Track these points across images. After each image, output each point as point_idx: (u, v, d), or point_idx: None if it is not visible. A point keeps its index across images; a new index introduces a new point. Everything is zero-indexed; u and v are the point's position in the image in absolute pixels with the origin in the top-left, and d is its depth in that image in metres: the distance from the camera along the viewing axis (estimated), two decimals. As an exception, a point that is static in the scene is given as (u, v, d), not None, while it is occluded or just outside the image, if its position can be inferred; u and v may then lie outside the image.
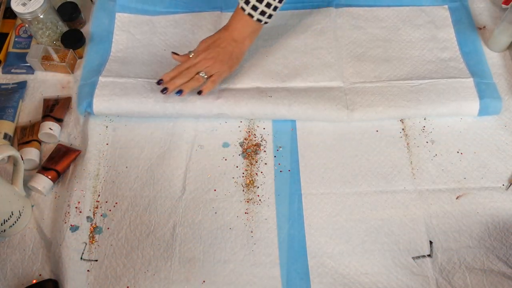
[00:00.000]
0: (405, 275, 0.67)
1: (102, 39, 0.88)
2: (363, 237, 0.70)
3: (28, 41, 0.91)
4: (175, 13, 0.92)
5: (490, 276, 0.66)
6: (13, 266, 0.70)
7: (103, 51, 0.87)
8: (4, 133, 0.78)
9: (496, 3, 0.90)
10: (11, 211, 0.69)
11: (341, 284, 0.67)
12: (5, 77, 0.88)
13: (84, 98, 0.80)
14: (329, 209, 0.72)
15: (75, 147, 0.80)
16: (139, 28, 0.90)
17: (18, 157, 0.69)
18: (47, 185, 0.74)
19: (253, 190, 0.75)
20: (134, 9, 0.92)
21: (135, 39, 0.89)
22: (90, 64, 0.85)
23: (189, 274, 0.68)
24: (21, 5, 0.80)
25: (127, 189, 0.75)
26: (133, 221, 0.73)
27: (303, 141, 0.78)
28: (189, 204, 0.74)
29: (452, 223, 0.70)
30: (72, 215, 0.72)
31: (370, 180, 0.74)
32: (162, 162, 0.77)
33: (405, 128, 0.79)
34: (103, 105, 0.79)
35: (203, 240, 0.71)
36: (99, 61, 0.85)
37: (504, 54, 0.84)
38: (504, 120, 0.78)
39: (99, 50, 0.86)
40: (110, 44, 0.88)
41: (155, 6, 0.92)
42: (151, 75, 0.83)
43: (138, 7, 0.92)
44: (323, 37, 0.87)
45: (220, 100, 0.78)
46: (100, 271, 0.69)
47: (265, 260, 0.69)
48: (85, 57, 0.86)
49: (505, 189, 0.72)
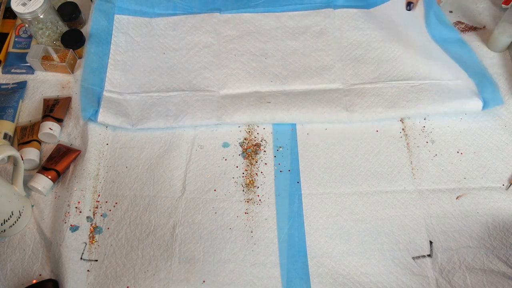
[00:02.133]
0: (405, 275, 0.67)
1: (101, 41, 0.88)
2: (363, 237, 0.70)
3: (28, 41, 0.91)
4: (173, 15, 0.92)
5: (490, 276, 0.66)
6: (13, 266, 0.70)
7: (102, 53, 0.86)
8: (4, 133, 0.78)
9: (496, 3, 0.90)
10: (11, 211, 0.69)
11: (341, 284, 0.67)
12: (5, 77, 0.88)
13: (89, 106, 0.80)
14: (329, 209, 0.72)
15: (75, 147, 0.80)
16: (138, 30, 0.90)
17: (18, 157, 0.69)
18: (47, 185, 0.74)
19: (253, 190, 0.75)
20: (133, 11, 0.92)
21: (134, 42, 0.89)
22: (90, 66, 0.84)
23: (189, 274, 0.68)
24: (21, 5, 0.80)
25: (127, 189, 0.75)
26: (133, 221, 0.73)
27: (303, 141, 0.78)
28: (189, 204, 0.74)
29: (452, 223, 0.70)
30: (72, 215, 0.72)
31: (370, 180, 0.74)
32: (162, 162, 0.77)
33: (405, 128, 0.79)
34: (108, 120, 0.79)
35: (203, 240, 0.71)
36: (98, 63, 0.85)
37: (504, 54, 0.84)
38: (504, 120, 0.78)
39: (98, 52, 0.86)
40: (109, 45, 0.88)
41: (154, 8, 0.92)
42: (153, 87, 0.83)
43: (136, 9, 0.92)
44: (322, 38, 0.87)
45: (221, 110, 0.79)
46: (100, 271, 0.69)
47: (265, 260, 0.69)
48: (85, 58, 0.85)
49: (505, 189, 0.72)
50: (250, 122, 0.79)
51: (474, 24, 0.89)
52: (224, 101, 0.81)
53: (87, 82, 0.83)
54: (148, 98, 0.82)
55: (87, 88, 0.82)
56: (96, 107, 0.80)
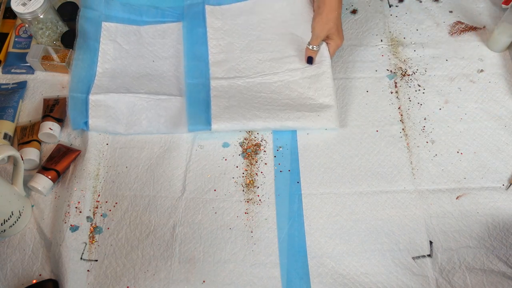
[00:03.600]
0: (405, 275, 0.67)
1: (88, 48, 0.86)
2: (363, 237, 0.70)
3: (28, 41, 0.91)
4: (162, 22, 0.91)
5: (490, 276, 0.66)
6: (13, 266, 0.70)
7: (89, 60, 0.85)
8: (4, 133, 0.78)
9: (496, 3, 0.90)
10: (11, 211, 0.69)
11: (341, 284, 0.67)
12: (5, 77, 0.88)
13: (79, 117, 0.79)
14: (329, 209, 0.72)
15: (75, 147, 0.80)
16: (126, 38, 0.89)
17: (18, 157, 0.69)
18: (47, 185, 0.74)
19: (253, 190, 0.75)
20: (121, 19, 0.90)
21: (122, 49, 0.88)
22: (77, 75, 0.83)
23: (189, 274, 0.68)
24: (21, 5, 0.80)
25: (127, 189, 0.75)
26: (133, 221, 0.73)
27: (303, 141, 0.78)
28: (189, 204, 0.74)
29: (452, 223, 0.70)
30: (72, 215, 0.72)
31: (370, 180, 0.74)
32: (162, 162, 0.77)
33: (405, 128, 0.79)
34: (99, 127, 0.79)
35: (203, 240, 0.71)
36: (87, 71, 0.84)
37: (504, 54, 0.84)
38: (504, 120, 0.78)
39: (86, 59, 0.84)
40: (97, 53, 0.86)
41: (142, 16, 0.91)
42: (142, 89, 0.82)
43: (124, 17, 0.90)
44: None
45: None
46: (100, 271, 0.69)
47: (265, 260, 0.69)
48: (72, 67, 0.83)
49: (505, 189, 0.72)
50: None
51: (474, 24, 0.89)
52: None
53: (74, 91, 0.81)
54: (137, 99, 0.80)
55: (75, 98, 0.80)
56: (85, 118, 0.78)
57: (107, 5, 0.90)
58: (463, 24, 0.89)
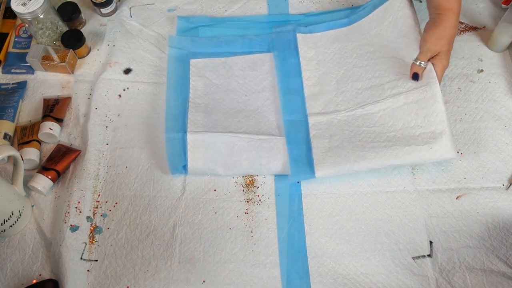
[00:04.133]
0: (405, 275, 0.67)
1: (179, 86, 0.83)
2: (363, 237, 0.70)
3: (28, 41, 0.91)
4: (250, 53, 0.87)
5: (490, 276, 0.66)
6: (13, 266, 0.70)
7: (181, 99, 0.82)
8: (4, 133, 0.78)
9: (496, 3, 0.90)
10: (11, 211, 0.69)
11: (341, 284, 0.67)
12: (5, 77, 0.88)
13: (176, 160, 0.75)
14: (329, 209, 0.72)
15: (75, 147, 0.80)
16: (215, 72, 0.85)
17: (18, 157, 0.69)
18: (47, 185, 0.74)
19: (253, 190, 0.75)
20: (208, 54, 0.87)
21: (212, 84, 0.84)
22: (171, 113, 0.80)
23: (189, 274, 0.68)
24: (21, 5, 0.80)
25: (127, 189, 0.75)
26: (133, 221, 0.73)
27: (304, 141, 0.78)
28: (189, 204, 0.74)
29: (452, 223, 0.70)
30: (72, 215, 0.72)
31: (370, 180, 0.74)
32: (162, 162, 0.77)
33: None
34: (198, 170, 0.75)
35: (203, 240, 0.71)
36: (180, 110, 0.81)
37: (504, 54, 0.84)
38: (504, 120, 0.78)
39: (178, 98, 0.82)
40: (187, 90, 0.83)
41: (229, 47, 0.87)
42: (240, 129, 0.78)
43: (212, 51, 0.87)
44: None
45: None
46: (100, 271, 0.69)
47: (265, 260, 0.69)
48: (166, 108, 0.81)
49: (505, 189, 0.72)
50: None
51: (474, 24, 0.88)
52: None
53: (170, 131, 0.78)
54: (237, 139, 0.76)
55: (172, 140, 0.77)
56: (184, 161, 0.75)
57: (194, 42, 0.88)
58: (463, 24, 0.89)
